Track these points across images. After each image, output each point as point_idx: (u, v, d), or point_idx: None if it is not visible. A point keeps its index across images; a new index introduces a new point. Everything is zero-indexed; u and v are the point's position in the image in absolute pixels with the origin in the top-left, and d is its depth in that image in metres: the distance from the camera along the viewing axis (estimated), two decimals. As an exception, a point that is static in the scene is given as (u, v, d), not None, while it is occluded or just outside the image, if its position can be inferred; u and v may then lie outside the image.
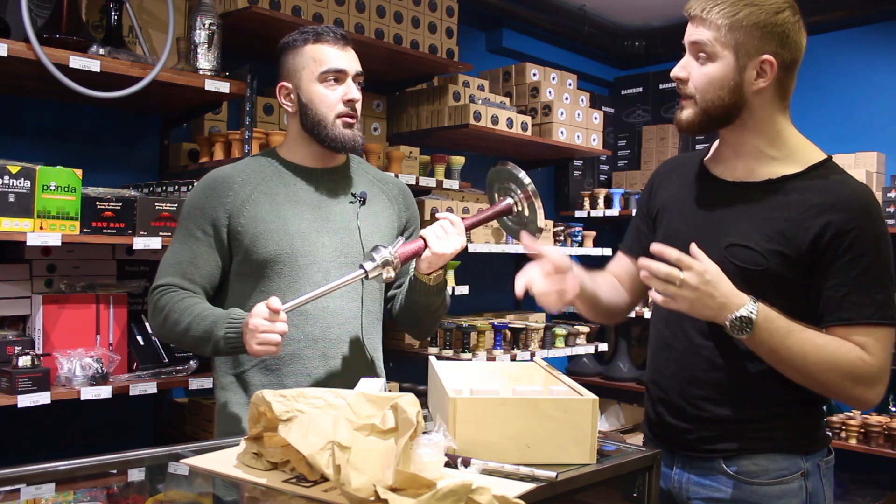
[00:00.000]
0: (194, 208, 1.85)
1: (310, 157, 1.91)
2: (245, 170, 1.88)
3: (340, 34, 1.87)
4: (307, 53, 1.84)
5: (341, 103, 1.85)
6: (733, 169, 1.62)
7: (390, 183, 2.05)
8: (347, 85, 1.86)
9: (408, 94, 3.79)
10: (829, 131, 4.37)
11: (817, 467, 1.59)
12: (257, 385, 1.82)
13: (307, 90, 1.84)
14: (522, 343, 3.76)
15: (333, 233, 1.86)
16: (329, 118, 1.84)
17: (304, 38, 1.85)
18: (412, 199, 2.08)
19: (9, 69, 2.33)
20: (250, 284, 1.83)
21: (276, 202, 1.84)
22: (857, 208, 1.49)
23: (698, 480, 1.62)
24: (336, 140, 1.85)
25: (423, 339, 3.48)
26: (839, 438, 3.77)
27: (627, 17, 4.78)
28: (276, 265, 1.81)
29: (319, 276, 1.82)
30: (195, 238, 1.83)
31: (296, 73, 1.86)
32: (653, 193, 1.79)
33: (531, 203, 1.78)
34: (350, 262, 1.85)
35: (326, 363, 1.82)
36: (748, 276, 1.52)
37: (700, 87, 1.54)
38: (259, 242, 1.80)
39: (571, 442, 1.31)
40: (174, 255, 1.85)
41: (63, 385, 2.37)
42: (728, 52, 1.50)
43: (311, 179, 1.90)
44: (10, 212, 2.23)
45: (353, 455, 1.09)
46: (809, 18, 1.58)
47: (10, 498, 1.21)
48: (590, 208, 4.62)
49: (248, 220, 1.81)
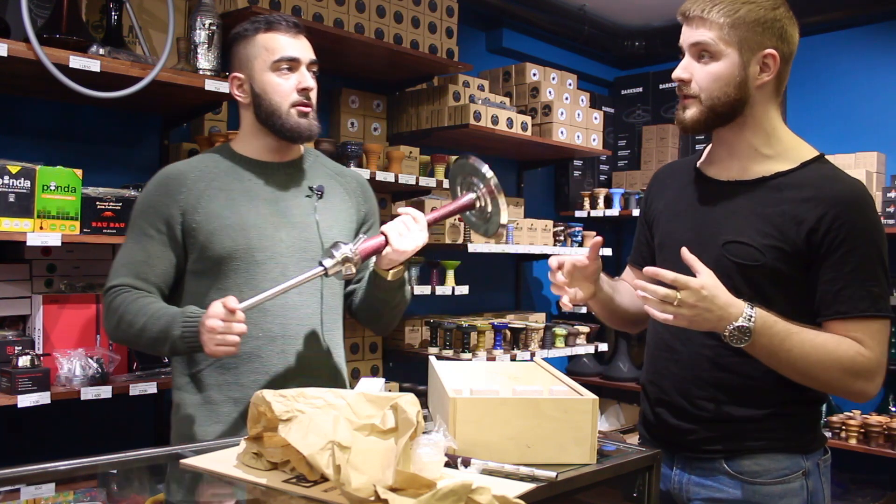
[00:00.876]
0: (147, 206, 1.81)
1: (265, 151, 1.87)
2: (198, 165, 1.84)
3: (293, 22, 1.83)
4: (259, 42, 1.80)
5: (295, 92, 1.80)
6: (728, 169, 1.64)
7: (348, 176, 2.01)
8: (301, 73, 1.81)
9: (408, 94, 3.79)
10: (829, 131, 4.37)
11: (816, 466, 1.60)
12: (212, 385, 1.79)
13: (260, 80, 1.80)
14: (522, 343, 3.76)
15: (291, 227, 1.82)
16: (283, 107, 1.80)
17: (256, 28, 1.81)
18: (371, 192, 2.04)
19: (9, 69, 2.33)
20: (207, 282, 1.79)
21: (231, 197, 1.80)
22: (849, 202, 1.50)
23: (699, 481, 1.62)
24: (291, 130, 1.81)
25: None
26: (839, 438, 3.77)
27: (627, 17, 4.78)
28: (232, 261, 1.77)
29: (277, 271, 1.78)
30: (148, 237, 1.79)
31: (248, 62, 1.82)
32: (649, 202, 1.81)
33: (494, 198, 1.76)
34: (309, 257, 1.81)
35: (285, 360, 1.79)
36: (746, 272, 1.54)
37: (705, 85, 1.55)
38: (215, 239, 1.76)
39: (571, 442, 1.31)
40: (127, 255, 1.80)
41: (63, 385, 2.37)
42: (732, 49, 1.53)
43: (267, 173, 1.86)
44: (10, 212, 2.23)
45: (353, 455, 1.09)
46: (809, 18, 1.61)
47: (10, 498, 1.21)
48: (590, 208, 4.62)
49: (203, 217, 1.77)
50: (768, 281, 1.53)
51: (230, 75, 1.86)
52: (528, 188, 4.59)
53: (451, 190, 1.89)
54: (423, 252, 1.92)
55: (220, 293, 1.73)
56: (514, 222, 3.92)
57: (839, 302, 1.49)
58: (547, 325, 3.98)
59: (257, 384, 1.76)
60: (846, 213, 1.49)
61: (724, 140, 1.63)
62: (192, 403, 1.80)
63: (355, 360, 3.49)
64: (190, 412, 1.80)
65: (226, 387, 1.78)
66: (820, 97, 4.44)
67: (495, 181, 1.75)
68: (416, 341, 3.74)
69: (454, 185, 1.86)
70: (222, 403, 1.78)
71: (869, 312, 1.48)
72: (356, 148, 3.21)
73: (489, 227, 1.82)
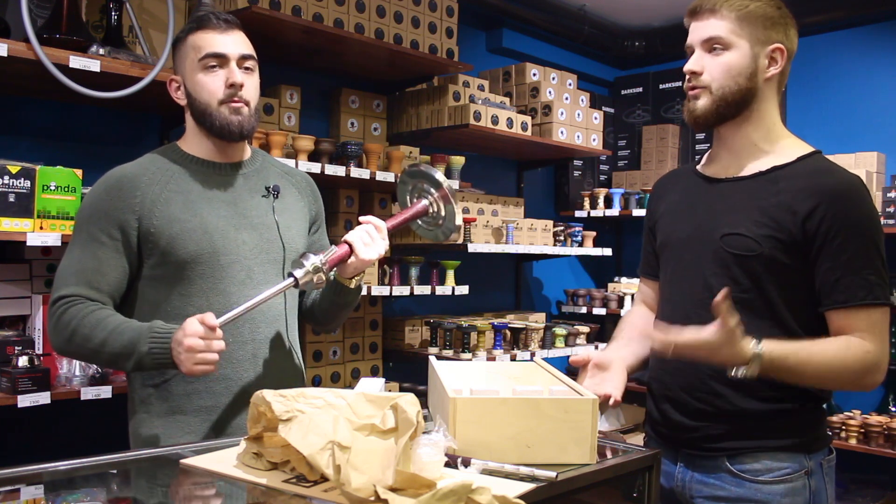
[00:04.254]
0: (97, 210, 1.71)
1: (212, 151, 1.81)
2: (150, 167, 1.77)
3: (223, 18, 1.77)
4: (189, 42, 1.76)
5: (224, 88, 1.73)
6: (727, 167, 1.68)
7: (298, 175, 1.99)
8: (230, 70, 1.74)
9: (408, 94, 3.79)
10: (829, 131, 4.37)
11: (819, 466, 1.60)
12: (180, 394, 1.71)
13: (191, 80, 1.75)
14: (522, 343, 3.76)
15: (252, 229, 1.78)
16: (213, 105, 1.74)
17: (189, 29, 1.77)
18: (318, 191, 2.02)
19: (9, 69, 2.33)
20: (166, 288, 1.72)
21: (189, 200, 1.74)
22: (842, 193, 1.53)
23: (702, 479, 1.62)
24: (223, 128, 1.75)
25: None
26: (839, 438, 3.77)
27: (627, 17, 4.78)
28: (197, 266, 1.71)
29: (242, 274, 1.75)
30: (99, 243, 1.69)
31: (181, 64, 1.78)
32: (652, 208, 1.85)
33: (448, 203, 1.77)
34: (271, 258, 1.80)
35: (256, 364, 1.76)
36: (743, 262, 1.57)
37: (717, 75, 1.60)
38: (178, 243, 1.69)
39: (571, 442, 1.31)
40: (76, 263, 1.70)
41: (63, 385, 2.37)
42: (743, 41, 1.59)
43: (221, 174, 1.81)
44: (10, 212, 2.23)
45: (353, 455, 1.09)
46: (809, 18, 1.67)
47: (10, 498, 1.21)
48: (590, 208, 4.62)
49: (163, 221, 1.70)
50: (765, 271, 1.56)
51: (168, 79, 1.82)
52: (528, 188, 4.59)
53: (399, 199, 1.88)
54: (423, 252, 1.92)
55: (183, 299, 1.70)
56: (515, 222, 3.92)
57: (837, 291, 1.52)
58: (547, 325, 3.98)
59: (229, 391, 1.72)
60: (839, 205, 1.52)
61: (725, 138, 1.67)
62: (159, 415, 1.73)
63: (355, 360, 3.49)
64: (156, 426, 1.72)
65: (195, 395, 1.71)
66: (820, 97, 4.44)
67: (449, 185, 1.77)
68: (416, 341, 3.74)
69: (403, 194, 1.86)
70: (192, 413, 1.71)
71: (867, 301, 1.51)
72: (356, 148, 3.21)
73: (440, 231, 1.82)
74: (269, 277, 1.78)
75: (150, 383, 1.74)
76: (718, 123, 1.64)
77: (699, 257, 1.64)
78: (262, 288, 1.72)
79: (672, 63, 4.90)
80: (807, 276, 1.56)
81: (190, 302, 1.71)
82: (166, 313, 1.70)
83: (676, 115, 4.80)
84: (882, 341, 1.52)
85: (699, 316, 1.61)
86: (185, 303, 1.71)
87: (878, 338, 1.52)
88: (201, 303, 1.71)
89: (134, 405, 1.78)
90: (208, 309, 1.64)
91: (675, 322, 1.64)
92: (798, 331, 1.56)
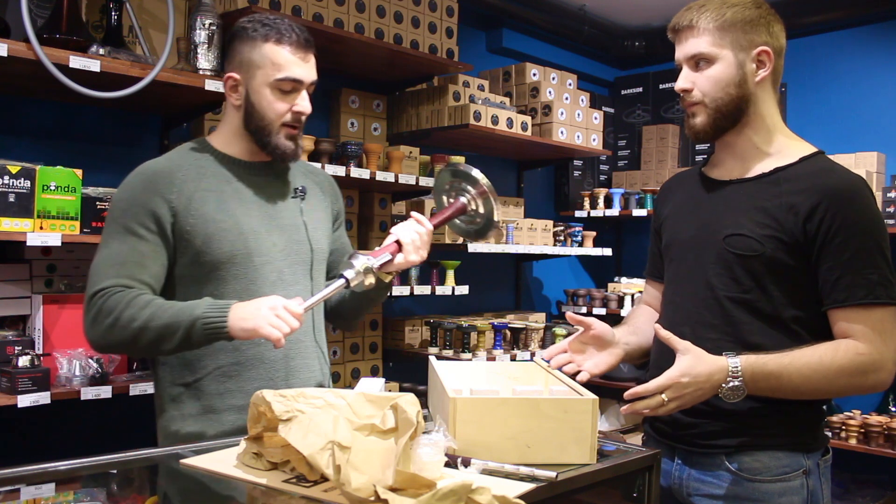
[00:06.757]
0: (132, 203, 1.68)
1: (248, 152, 1.81)
2: (182, 164, 1.75)
3: (304, 38, 1.76)
4: (266, 53, 1.72)
5: (290, 114, 1.75)
6: (730, 170, 1.68)
7: (320, 174, 2.00)
8: (301, 97, 1.76)
9: (408, 94, 3.79)
10: (829, 131, 4.37)
11: (817, 466, 1.60)
12: (213, 394, 1.71)
13: (258, 92, 1.74)
14: (522, 343, 3.76)
15: (282, 230, 1.79)
16: (274, 126, 1.75)
17: (265, 35, 1.72)
18: (338, 190, 2.02)
19: (9, 69, 2.33)
20: (196, 287, 1.71)
21: (222, 199, 1.74)
22: (843, 192, 1.53)
23: (699, 477, 1.62)
24: (276, 149, 1.76)
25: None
26: (839, 438, 3.77)
27: (627, 17, 4.78)
28: (232, 266, 1.71)
29: (274, 275, 1.75)
30: (137, 236, 1.66)
31: (249, 69, 1.74)
32: (658, 211, 1.86)
33: (486, 200, 1.75)
34: (300, 259, 1.80)
35: (287, 363, 1.77)
36: (745, 262, 1.57)
37: (707, 89, 1.60)
38: (213, 243, 1.69)
39: (571, 442, 1.31)
40: (114, 256, 1.65)
41: (63, 385, 2.37)
42: (726, 50, 1.58)
43: (253, 174, 1.81)
44: (10, 212, 2.23)
45: (353, 455, 1.09)
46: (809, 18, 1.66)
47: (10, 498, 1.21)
48: (590, 208, 4.62)
49: (198, 220, 1.69)
50: (767, 271, 1.56)
51: (226, 74, 1.79)
52: (528, 188, 4.59)
53: (435, 200, 1.87)
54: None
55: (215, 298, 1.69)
56: (515, 222, 3.91)
57: (837, 290, 1.52)
58: (547, 325, 3.98)
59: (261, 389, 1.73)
60: (840, 203, 1.51)
61: (727, 143, 1.68)
62: (191, 415, 1.72)
63: (355, 360, 3.49)
64: (188, 424, 1.72)
65: (228, 395, 1.72)
66: (820, 97, 4.43)
67: (488, 183, 1.74)
68: (416, 341, 3.74)
69: (438, 194, 1.85)
70: (225, 412, 1.72)
71: (867, 300, 1.50)
72: (356, 148, 3.22)
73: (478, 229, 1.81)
74: (298, 278, 1.80)
75: (181, 382, 1.74)
76: (720, 135, 1.64)
77: (702, 258, 1.64)
78: (291, 289, 1.73)
79: (672, 63, 4.88)
80: (810, 278, 1.55)
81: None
82: None
83: (676, 115, 4.80)
84: (884, 341, 1.50)
85: (700, 316, 1.62)
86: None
87: (876, 338, 1.50)
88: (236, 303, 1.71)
89: (163, 403, 1.78)
90: None
91: (677, 322, 1.65)
92: (800, 332, 1.55)
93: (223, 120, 1.85)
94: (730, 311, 1.59)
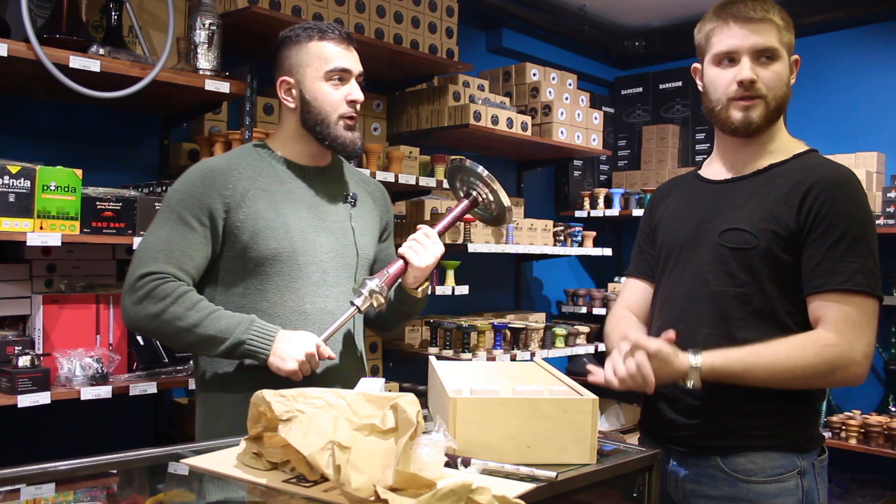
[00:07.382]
0: (189, 196, 1.76)
1: (305, 156, 1.89)
2: (240, 163, 1.83)
3: (345, 33, 1.86)
4: (312, 51, 1.82)
5: (345, 103, 1.83)
6: (728, 169, 1.70)
7: (373, 184, 2.06)
8: (351, 85, 1.85)
9: (408, 94, 3.79)
10: (829, 131, 4.37)
11: (812, 466, 1.60)
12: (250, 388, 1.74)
13: (311, 87, 1.82)
14: (522, 343, 3.76)
15: (330, 233, 1.85)
16: (332, 117, 1.83)
17: (308, 35, 1.83)
18: (390, 201, 2.10)
19: (9, 69, 2.33)
20: (241, 281, 1.79)
21: (274, 199, 1.81)
22: (832, 182, 1.54)
23: (694, 477, 1.62)
24: (337, 140, 1.84)
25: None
26: (839, 438, 3.77)
27: (627, 17, 4.78)
28: (276, 264, 1.78)
29: (317, 276, 1.81)
30: (189, 227, 1.74)
31: (299, 69, 1.83)
32: (652, 212, 1.86)
33: (492, 189, 1.84)
34: (345, 262, 1.86)
35: (324, 364, 1.80)
36: (740, 256, 1.58)
37: (771, 84, 1.61)
38: (259, 240, 1.76)
39: (571, 442, 1.31)
40: (165, 241, 1.73)
41: (63, 385, 2.37)
42: (784, 50, 1.62)
43: (306, 178, 1.88)
44: (10, 212, 2.23)
45: (353, 455, 1.09)
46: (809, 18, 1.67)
47: (10, 498, 1.21)
48: (590, 208, 4.62)
49: (248, 216, 1.77)
50: (763, 265, 1.56)
51: (278, 79, 1.86)
52: (528, 188, 4.59)
53: (452, 192, 1.96)
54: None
55: (258, 294, 1.77)
56: (515, 222, 3.91)
57: (815, 276, 1.52)
58: (547, 325, 3.98)
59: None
60: (828, 191, 1.53)
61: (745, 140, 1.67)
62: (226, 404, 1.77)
63: (355, 360, 3.49)
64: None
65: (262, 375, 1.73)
66: (820, 97, 4.43)
67: (487, 173, 1.83)
68: (416, 341, 3.74)
69: (454, 189, 1.95)
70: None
71: (844, 286, 1.48)
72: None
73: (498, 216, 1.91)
74: (341, 280, 1.85)
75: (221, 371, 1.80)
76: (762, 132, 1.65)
77: (698, 255, 1.65)
78: (333, 290, 1.82)
79: (672, 63, 4.90)
80: (800, 270, 1.56)
81: (265, 297, 1.78)
82: (240, 306, 1.77)
83: (676, 115, 4.80)
84: (857, 333, 1.47)
85: (694, 311, 1.62)
86: (260, 297, 1.77)
87: (851, 329, 1.47)
88: (276, 299, 1.78)
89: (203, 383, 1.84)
90: (282, 306, 1.77)
91: (671, 318, 1.66)
92: (794, 328, 1.55)
93: (280, 125, 1.92)
94: (724, 307, 1.59)
